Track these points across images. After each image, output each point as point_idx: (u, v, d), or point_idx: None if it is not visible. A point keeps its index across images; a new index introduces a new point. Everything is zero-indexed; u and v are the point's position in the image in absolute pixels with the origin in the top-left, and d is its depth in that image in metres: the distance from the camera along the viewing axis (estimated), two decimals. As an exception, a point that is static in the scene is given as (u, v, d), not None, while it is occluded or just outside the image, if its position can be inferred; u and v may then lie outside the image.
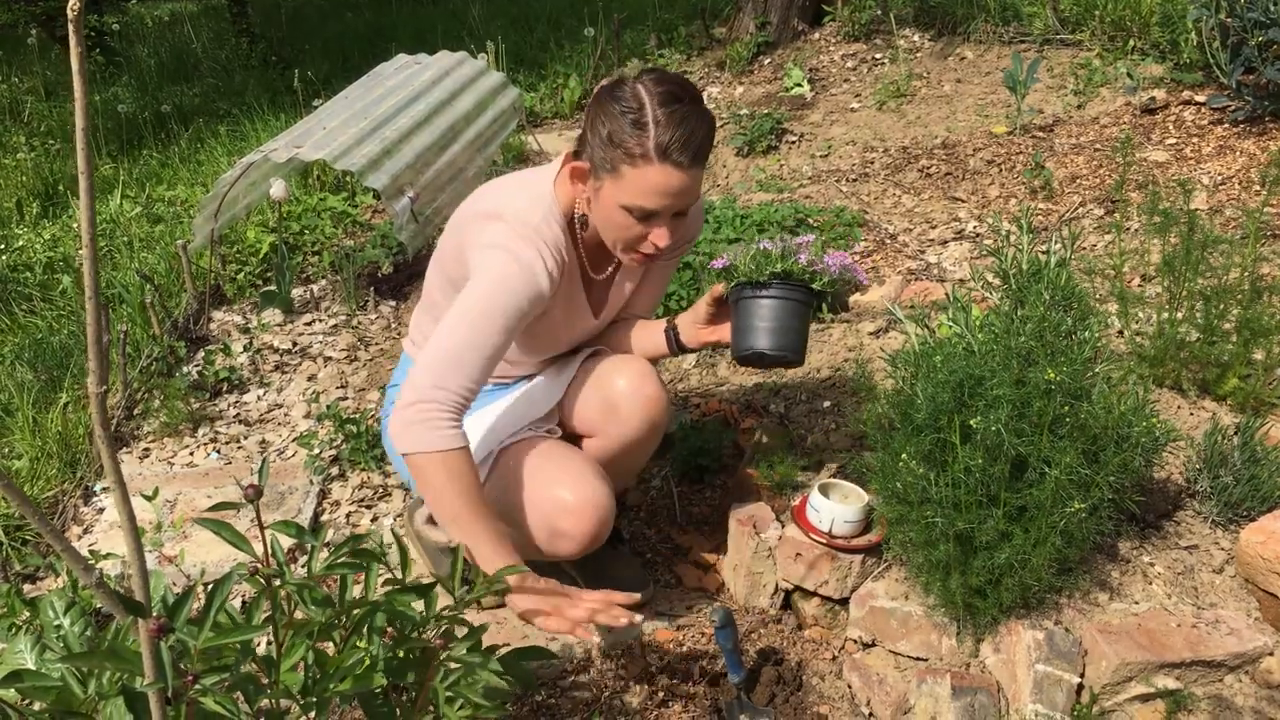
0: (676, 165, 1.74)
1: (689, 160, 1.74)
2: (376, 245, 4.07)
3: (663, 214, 1.80)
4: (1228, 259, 2.18)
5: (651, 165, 1.74)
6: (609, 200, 1.81)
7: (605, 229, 1.87)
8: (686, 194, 1.79)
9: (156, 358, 3.38)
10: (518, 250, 1.84)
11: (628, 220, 1.81)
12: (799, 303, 1.94)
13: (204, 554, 2.53)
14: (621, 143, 1.75)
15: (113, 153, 6.13)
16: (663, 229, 1.82)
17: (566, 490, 1.92)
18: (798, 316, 1.94)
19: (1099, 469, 1.68)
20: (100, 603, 1.24)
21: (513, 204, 1.90)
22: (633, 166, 1.75)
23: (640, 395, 2.05)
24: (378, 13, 10.04)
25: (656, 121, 1.72)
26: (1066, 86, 4.69)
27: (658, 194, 1.76)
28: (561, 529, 1.93)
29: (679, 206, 1.81)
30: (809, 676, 1.96)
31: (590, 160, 1.82)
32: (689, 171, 1.76)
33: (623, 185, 1.77)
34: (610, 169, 1.78)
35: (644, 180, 1.75)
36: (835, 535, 2.00)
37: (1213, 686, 1.69)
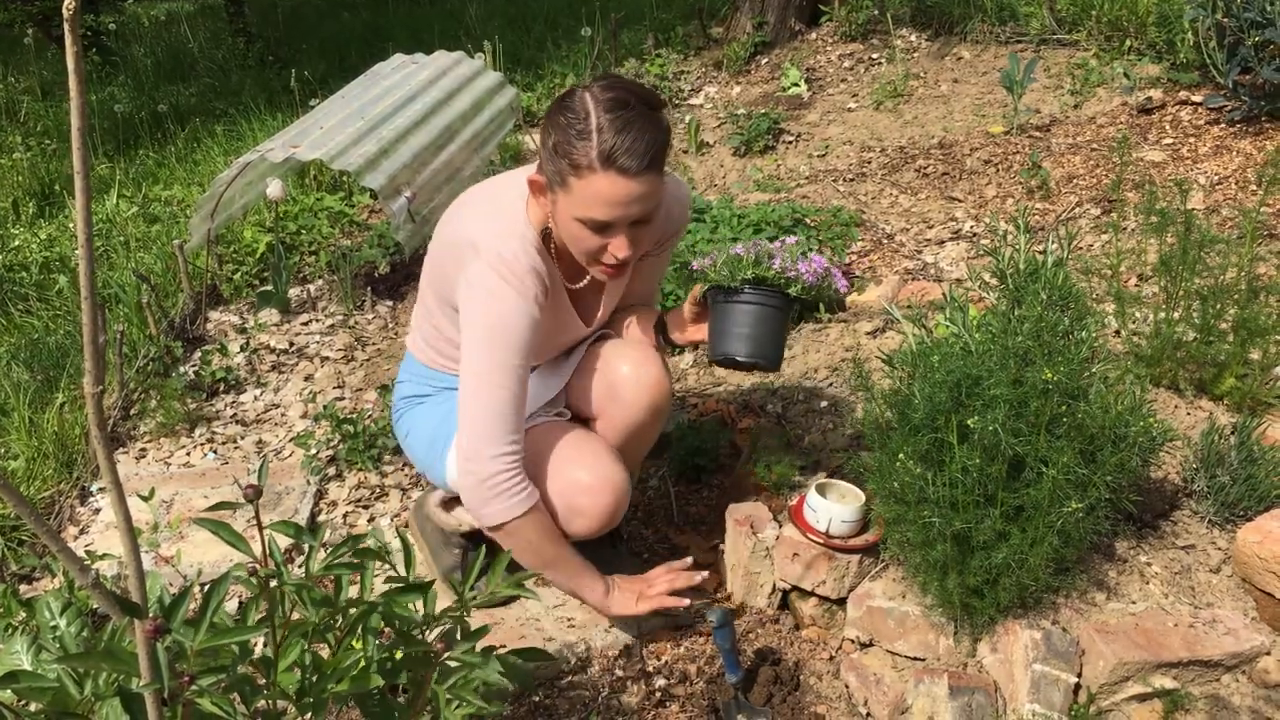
0: (622, 172, 1.68)
1: (636, 167, 1.68)
2: (373, 245, 4.07)
3: (617, 224, 1.75)
4: (1224, 259, 2.18)
5: (596, 174, 1.69)
6: (563, 214, 1.78)
7: (568, 242, 1.85)
8: (640, 202, 1.73)
9: (153, 358, 3.38)
10: (500, 292, 1.83)
11: (583, 233, 1.77)
12: (772, 309, 1.93)
13: (201, 554, 2.52)
14: (567, 154, 1.71)
15: (109, 152, 6.12)
16: (620, 239, 1.77)
17: (583, 470, 1.96)
18: (771, 322, 1.94)
19: (1096, 469, 1.68)
20: (97, 603, 1.24)
21: (488, 236, 1.87)
22: (579, 178, 1.71)
23: (643, 379, 2.06)
24: (375, 12, 10.03)
25: (599, 129, 1.67)
26: (1063, 86, 4.69)
27: (606, 204, 1.71)
28: (579, 507, 1.96)
29: (634, 215, 1.75)
30: (806, 676, 1.96)
31: (545, 174, 1.79)
32: (637, 179, 1.70)
33: (573, 198, 1.73)
34: (560, 182, 1.74)
35: (591, 191, 1.70)
36: (832, 535, 2.00)
37: (1210, 686, 1.69)
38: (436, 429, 2.14)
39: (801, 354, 2.92)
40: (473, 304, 1.86)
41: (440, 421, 2.14)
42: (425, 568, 2.31)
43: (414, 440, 2.22)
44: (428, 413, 2.19)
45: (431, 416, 2.17)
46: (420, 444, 2.19)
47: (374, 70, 4.54)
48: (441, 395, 2.20)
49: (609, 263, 1.82)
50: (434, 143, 3.97)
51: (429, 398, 2.22)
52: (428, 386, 2.22)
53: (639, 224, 1.79)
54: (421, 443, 2.19)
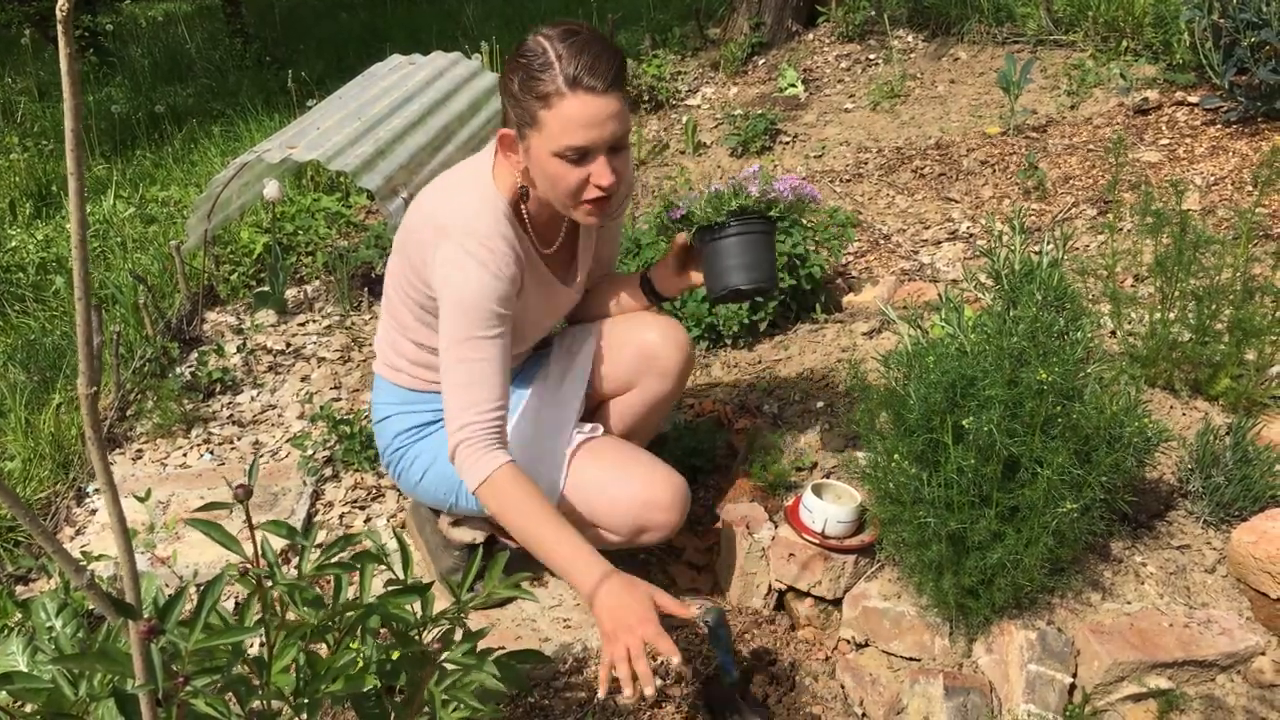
0: (590, 90, 1.70)
1: (603, 84, 1.70)
2: (370, 246, 4.06)
3: (595, 148, 1.75)
4: (1220, 259, 2.18)
5: (566, 99, 1.70)
6: (541, 155, 1.77)
7: (548, 189, 1.83)
8: (613, 121, 1.74)
9: (150, 359, 3.38)
10: (470, 266, 1.83)
11: (564, 168, 1.76)
12: (761, 234, 1.99)
13: (197, 555, 2.52)
14: (533, 89, 1.72)
15: (106, 153, 6.12)
16: (602, 165, 1.76)
17: (651, 489, 1.99)
18: (762, 247, 2.00)
19: (1091, 469, 1.68)
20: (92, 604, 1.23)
21: (457, 213, 1.87)
22: (549, 108, 1.72)
23: (676, 339, 2.17)
24: (372, 13, 10.04)
25: (559, 56, 1.70)
26: (1060, 87, 4.70)
27: (581, 126, 1.72)
28: (652, 523, 2.00)
29: (610, 137, 1.75)
30: (802, 677, 1.96)
31: (513, 124, 1.80)
32: (606, 96, 1.71)
33: (547, 133, 1.74)
34: (531, 121, 1.75)
35: (564, 117, 1.71)
36: (828, 536, 2.00)
37: (1205, 686, 1.69)
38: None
39: (798, 354, 2.92)
40: (447, 283, 1.84)
41: None
42: (423, 567, 2.31)
43: (433, 476, 2.11)
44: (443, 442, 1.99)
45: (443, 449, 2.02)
46: (437, 481, 2.11)
47: (371, 71, 4.54)
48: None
49: (592, 197, 1.79)
50: (431, 143, 3.97)
51: (436, 424, 2.14)
52: (431, 413, 2.14)
53: (616, 151, 1.78)
54: (439, 479, 2.10)
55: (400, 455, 2.16)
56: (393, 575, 1.39)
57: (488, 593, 1.39)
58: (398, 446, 2.16)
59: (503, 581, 1.41)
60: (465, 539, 2.25)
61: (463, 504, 2.13)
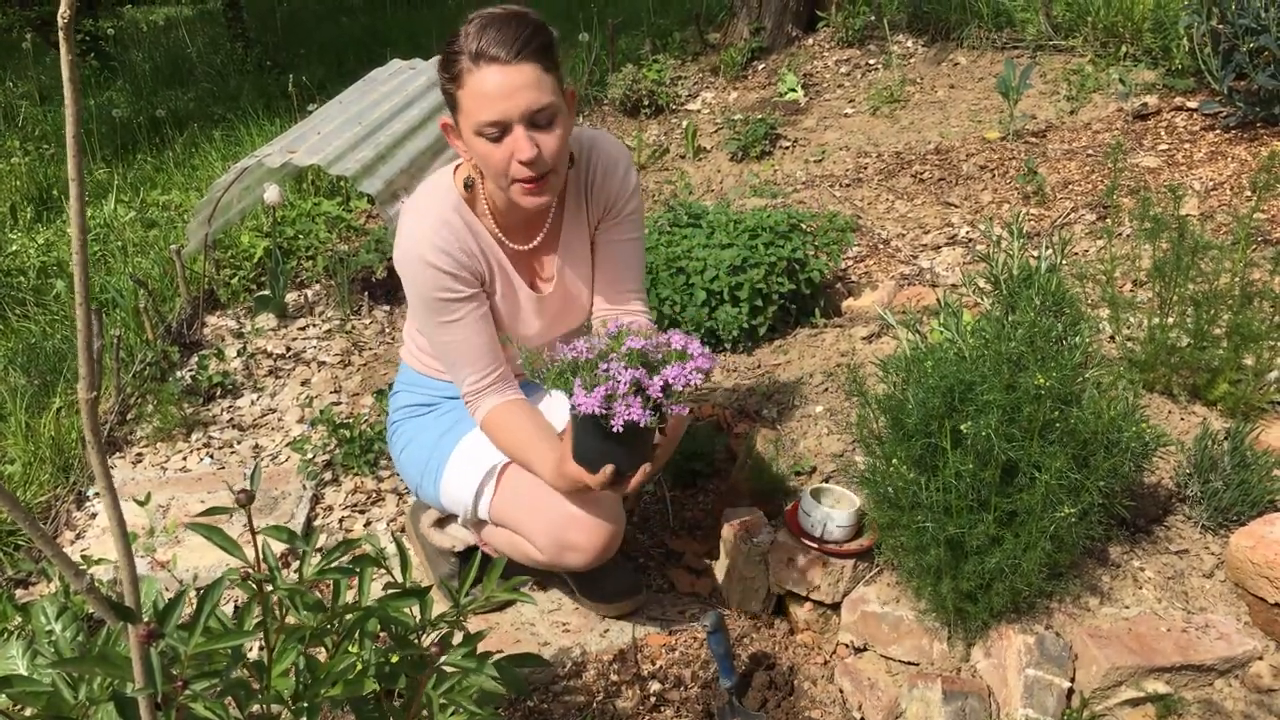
0: (493, 61, 1.69)
1: (507, 54, 1.68)
2: (370, 250, 4.07)
3: (509, 120, 1.72)
4: (1218, 264, 2.19)
5: (473, 74, 1.70)
6: (469, 138, 1.78)
7: (483, 170, 1.83)
8: (525, 91, 1.70)
9: (150, 362, 3.38)
10: (412, 261, 1.88)
11: (487, 147, 1.75)
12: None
13: (197, 559, 2.53)
14: (447, 70, 1.74)
15: (107, 157, 6.13)
16: (516, 137, 1.73)
17: (579, 504, 1.91)
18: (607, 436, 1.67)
19: (1089, 474, 1.68)
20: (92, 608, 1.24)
21: (410, 207, 1.93)
22: (462, 87, 1.73)
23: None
24: (373, 17, 10.05)
25: (467, 35, 1.71)
26: (1059, 92, 4.70)
27: (490, 100, 1.70)
28: (573, 541, 1.92)
29: (523, 107, 1.71)
30: (801, 681, 1.96)
31: (448, 111, 1.83)
32: (513, 65, 1.69)
33: (464, 111, 1.75)
34: (452, 104, 1.77)
35: (474, 94, 1.71)
36: (827, 540, 2.00)
37: (1203, 691, 1.69)
38: (432, 449, 2.12)
39: (797, 359, 2.93)
40: (402, 277, 1.93)
41: (436, 441, 2.12)
42: (421, 573, 2.31)
43: (409, 456, 2.18)
44: (426, 428, 2.16)
45: (428, 434, 2.14)
46: (413, 463, 2.16)
47: (371, 75, 4.55)
48: (445, 406, 2.17)
49: (519, 175, 1.76)
50: (431, 148, 3.98)
51: (431, 409, 2.19)
52: (427, 395, 2.20)
53: (539, 126, 1.75)
54: (415, 462, 2.16)
55: (395, 429, 2.25)
56: (392, 579, 1.39)
57: (486, 596, 1.39)
58: (395, 420, 2.26)
59: (501, 585, 1.42)
60: (445, 544, 2.25)
61: (425, 491, 2.16)
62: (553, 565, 2.00)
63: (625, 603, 2.17)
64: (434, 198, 1.91)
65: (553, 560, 1.97)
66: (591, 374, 1.63)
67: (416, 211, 1.90)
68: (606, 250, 2.07)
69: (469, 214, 1.93)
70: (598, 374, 1.62)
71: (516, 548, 2.02)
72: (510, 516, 2.01)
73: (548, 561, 1.99)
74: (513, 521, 2.00)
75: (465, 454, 2.06)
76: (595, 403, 1.60)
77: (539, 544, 1.96)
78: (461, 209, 1.92)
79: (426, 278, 1.88)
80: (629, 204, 2.04)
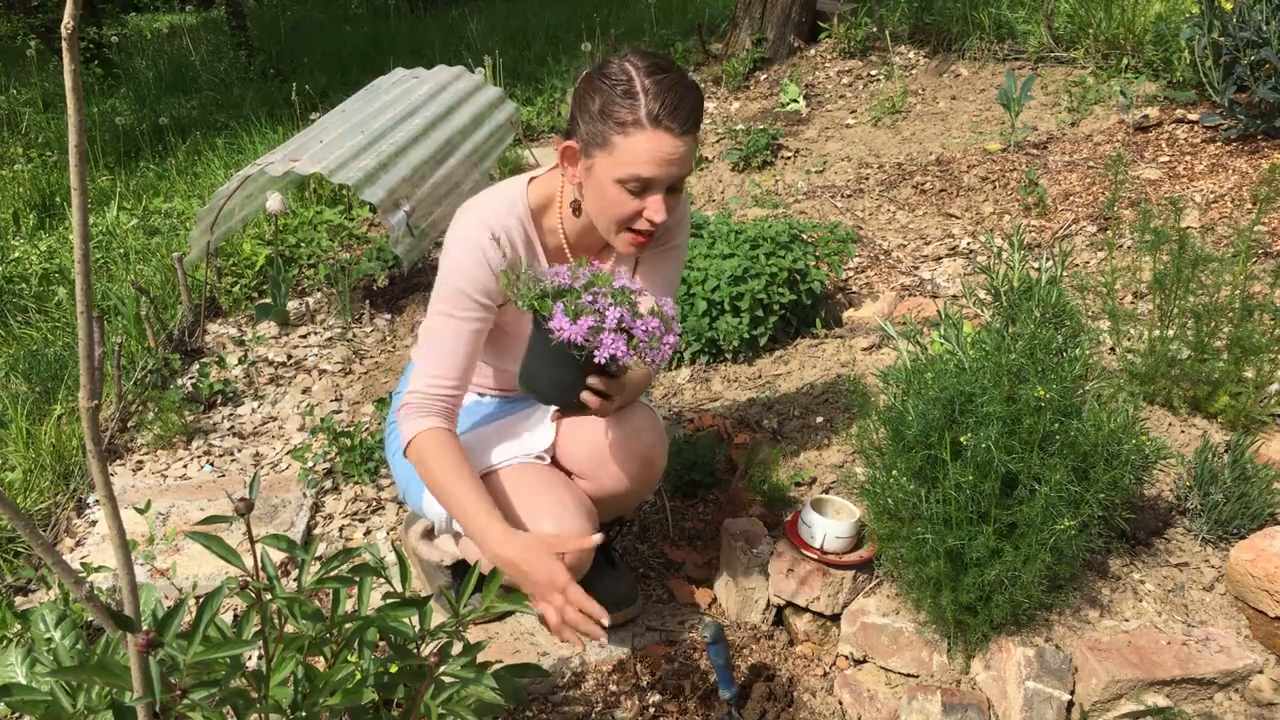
0: (668, 130, 1.73)
1: (680, 126, 1.74)
2: (372, 258, 4.08)
3: (657, 184, 1.78)
4: (1219, 277, 2.19)
5: (644, 131, 1.73)
6: (603, 176, 1.79)
7: (598, 209, 1.85)
8: (680, 163, 1.77)
9: (151, 370, 3.38)
10: (461, 248, 1.88)
11: (621, 196, 1.79)
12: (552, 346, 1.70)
13: (196, 567, 2.52)
14: (613, 114, 1.75)
15: (110, 165, 6.14)
16: (658, 201, 1.79)
17: (549, 520, 1.90)
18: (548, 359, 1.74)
19: (1089, 486, 1.68)
20: (91, 616, 1.24)
21: (476, 202, 1.93)
22: (625, 136, 1.74)
23: (634, 449, 2.01)
24: (376, 27, 10.08)
25: (645, 90, 1.73)
26: (1060, 104, 4.71)
27: (652, 162, 1.75)
28: None
29: (673, 176, 1.78)
30: (800, 693, 1.96)
31: (581, 139, 1.81)
32: (681, 138, 1.75)
33: (616, 157, 1.76)
34: (602, 143, 1.77)
35: (637, 149, 1.74)
36: (827, 551, 2.00)
37: (1203, 704, 1.69)
38: None
39: (798, 369, 2.93)
40: (443, 257, 1.92)
41: None
42: (420, 582, 2.31)
43: (400, 460, 2.17)
44: None
45: None
46: (404, 466, 2.15)
47: (374, 84, 4.56)
48: None
49: (642, 229, 1.82)
50: (433, 157, 3.99)
51: None
52: None
53: (674, 190, 1.82)
54: (405, 465, 2.14)
55: (392, 430, 2.25)
56: (391, 588, 1.39)
57: (486, 606, 1.39)
58: (393, 421, 2.25)
59: (500, 596, 1.42)
60: (433, 558, 2.24)
61: (410, 496, 2.15)
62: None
63: (622, 612, 2.16)
64: (503, 201, 1.92)
65: None
66: (576, 302, 1.63)
67: (482, 209, 1.91)
68: (643, 272, 2.10)
69: (531, 228, 1.95)
70: (582, 303, 1.62)
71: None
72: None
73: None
74: None
75: None
76: (580, 331, 1.60)
77: None
78: (526, 221, 1.94)
79: (465, 268, 1.87)
80: (676, 238, 2.10)
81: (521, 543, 1.79)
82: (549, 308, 1.65)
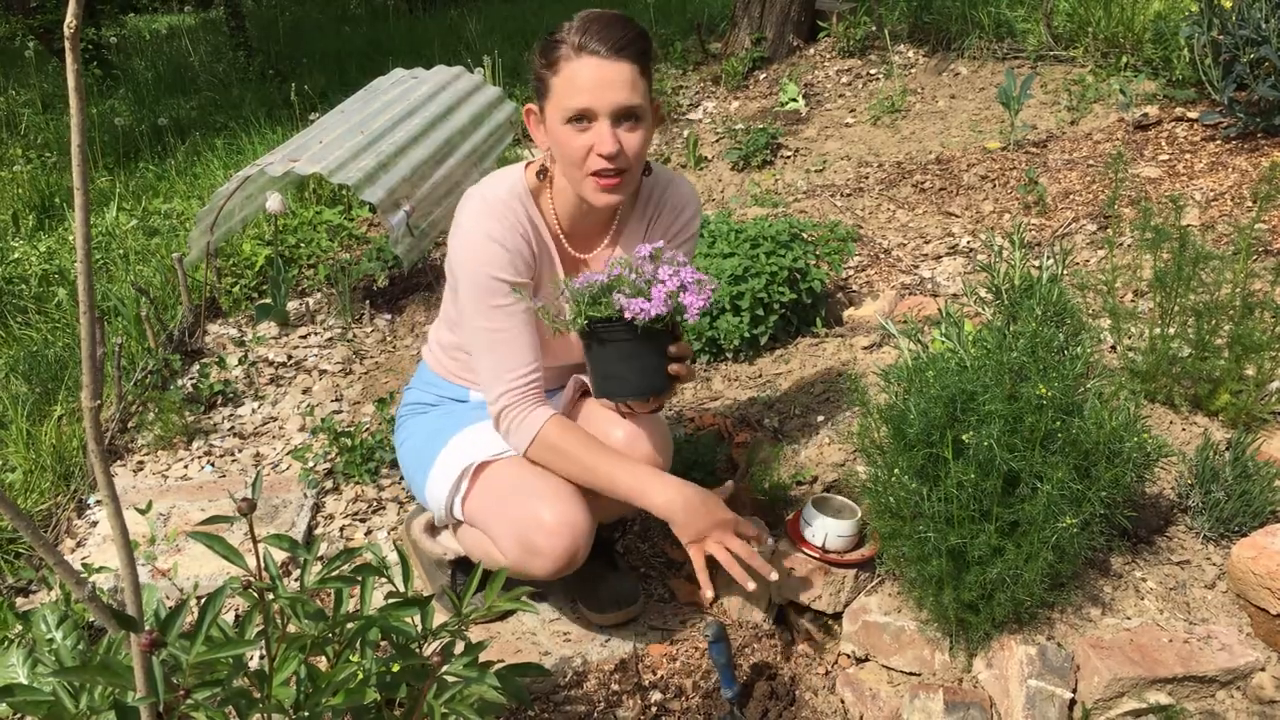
0: (594, 54, 1.75)
1: (608, 49, 1.75)
2: (372, 258, 4.08)
3: (597, 111, 1.77)
4: (1219, 275, 2.19)
5: (572, 62, 1.76)
6: (553, 124, 1.82)
7: (561, 161, 1.86)
8: (616, 87, 1.76)
9: (151, 371, 3.38)
10: (474, 235, 1.88)
11: (570, 136, 1.79)
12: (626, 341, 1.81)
13: (198, 567, 2.52)
14: (545, 56, 1.80)
15: (109, 165, 6.14)
16: (602, 130, 1.77)
17: (545, 507, 1.90)
18: (629, 356, 1.83)
19: (1091, 484, 1.68)
20: (93, 616, 1.24)
21: (478, 189, 1.95)
22: (557, 74, 1.78)
23: (641, 446, 2.02)
24: (375, 27, 10.08)
25: (571, 28, 1.78)
26: (1060, 102, 4.71)
27: (584, 89, 1.75)
28: (535, 545, 1.89)
29: (613, 103, 1.76)
30: (802, 692, 1.96)
31: (534, 99, 1.87)
32: (611, 61, 1.75)
33: (555, 98, 1.80)
34: (544, 90, 1.82)
35: (569, 80, 1.77)
36: (828, 550, 2.00)
37: (1205, 702, 1.69)
38: (424, 445, 2.14)
39: (799, 368, 2.93)
40: (457, 253, 1.91)
41: (429, 438, 2.13)
42: (422, 582, 2.31)
43: (406, 450, 2.22)
44: (424, 425, 2.19)
45: (423, 432, 2.17)
46: (409, 456, 2.19)
47: (373, 85, 4.56)
48: (445, 406, 2.19)
49: (596, 167, 1.80)
50: (433, 157, 3.99)
51: (433, 408, 2.22)
52: (432, 395, 2.23)
53: (625, 124, 1.80)
54: (410, 455, 2.19)
55: (401, 423, 2.27)
56: (393, 588, 1.39)
57: (488, 606, 1.39)
58: (402, 415, 2.28)
59: (502, 595, 1.42)
60: (436, 552, 2.25)
61: (416, 487, 2.17)
62: (517, 570, 1.94)
63: (622, 611, 2.16)
64: (501, 186, 1.93)
65: (517, 565, 1.93)
66: (632, 284, 1.70)
67: (481, 197, 1.92)
68: None
69: (533, 208, 1.95)
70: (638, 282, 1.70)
71: (486, 552, 2.00)
72: (481, 517, 2.01)
73: (512, 567, 1.94)
74: (483, 522, 2.00)
75: (452, 451, 2.07)
76: (659, 303, 1.67)
77: (504, 547, 1.95)
78: (527, 201, 1.94)
79: (489, 254, 1.87)
80: (684, 245, 2.09)
81: (680, 486, 1.88)
82: (609, 305, 1.67)
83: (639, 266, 1.78)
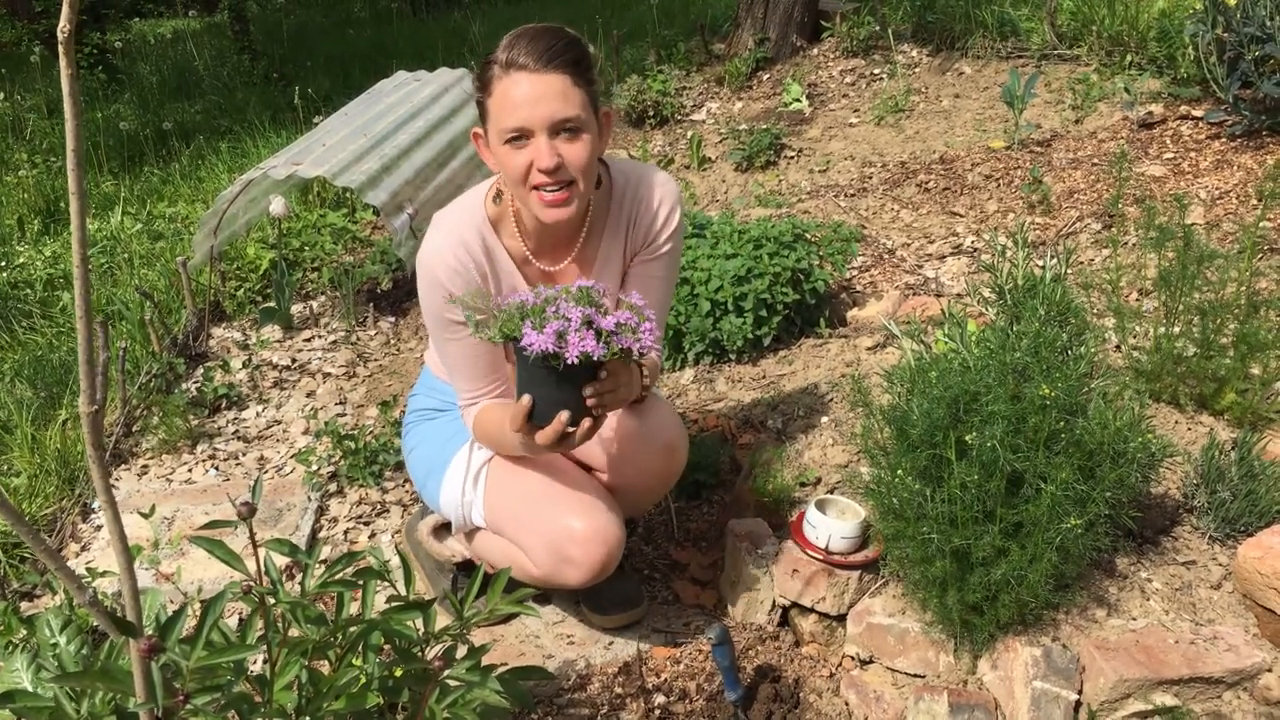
0: (522, 68, 1.72)
1: (536, 61, 1.72)
2: (376, 261, 4.08)
3: (533, 128, 1.74)
4: (1224, 273, 2.18)
5: (501, 81, 1.74)
6: (495, 145, 1.81)
7: (507, 181, 1.84)
8: (548, 100, 1.72)
9: (156, 374, 3.39)
10: (423, 278, 1.90)
11: (510, 155, 1.77)
12: (544, 370, 1.67)
13: (201, 571, 2.52)
14: (479, 78, 1.80)
15: (114, 170, 6.15)
16: (540, 145, 1.74)
17: (577, 518, 1.91)
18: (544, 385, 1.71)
19: (1095, 485, 1.68)
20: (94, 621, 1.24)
21: (436, 222, 1.93)
22: (490, 95, 1.77)
23: (656, 443, 2.02)
24: (379, 30, 10.09)
25: (501, 45, 1.76)
26: (1064, 101, 4.70)
27: (516, 105, 1.73)
28: (569, 555, 1.91)
29: (546, 117, 1.73)
30: (806, 694, 1.95)
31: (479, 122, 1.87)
32: (540, 74, 1.72)
33: (492, 120, 1.79)
34: (484, 114, 1.82)
35: (501, 99, 1.75)
36: (832, 551, 2.00)
37: (1211, 703, 1.68)
38: (435, 453, 2.14)
39: (802, 369, 2.92)
40: (419, 284, 1.94)
41: (441, 445, 2.13)
42: (423, 585, 2.31)
43: (416, 457, 2.22)
44: (435, 432, 2.18)
45: (436, 438, 2.16)
46: (420, 464, 2.20)
47: (377, 87, 4.57)
48: (453, 412, 2.18)
49: (538, 182, 1.77)
50: (436, 159, 3.99)
51: (442, 414, 2.21)
52: (438, 399, 2.22)
53: (563, 135, 1.76)
54: (421, 463, 2.19)
55: (408, 429, 2.28)
56: (395, 592, 1.39)
57: (490, 609, 1.39)
58: (409, 421, 2.29)
59: (504, 598, 1.41)
60: (443, 554, 2.25)
61: (428, 493, 2.18)
62: (548, 581, 1.97)
63: (626, 614, 2.16)
64: (460, 217, 1.92)
65: (549, 575, 1.95)
66: (541, 315, 1.63)
67: (440, 229, 1.91)
68: (635, 283, 2.04)
69: (491, 236, 1.92)
70: (546, 315, 1.62)
71: (513, 560, 2.00)
72: (507, 526, 2.01)
73: (543, 577, 1.97)
74: (510, 532, 2.01)
75: (465, 459, 2.08)
76: (548, 340, 1.59)
77: (536, 558, 1.96)
78: (485, 229, 1.92)
79: (436, 296, 1.89)
80: (667, 243, 2.01)
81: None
82: (518, 327, 1.63)
83: (561, 300, 1.66)
